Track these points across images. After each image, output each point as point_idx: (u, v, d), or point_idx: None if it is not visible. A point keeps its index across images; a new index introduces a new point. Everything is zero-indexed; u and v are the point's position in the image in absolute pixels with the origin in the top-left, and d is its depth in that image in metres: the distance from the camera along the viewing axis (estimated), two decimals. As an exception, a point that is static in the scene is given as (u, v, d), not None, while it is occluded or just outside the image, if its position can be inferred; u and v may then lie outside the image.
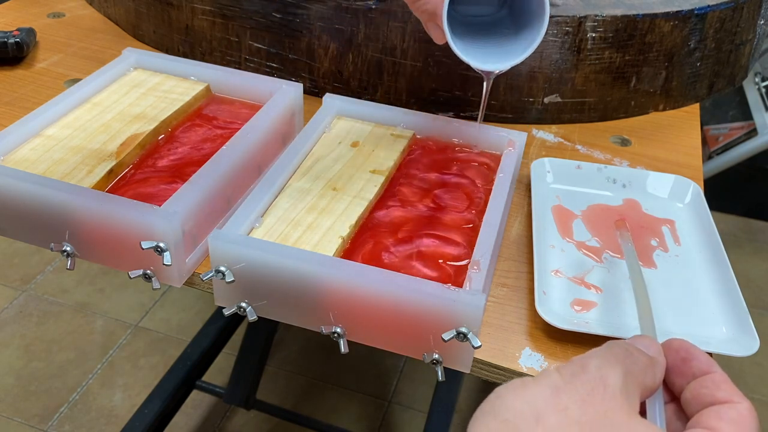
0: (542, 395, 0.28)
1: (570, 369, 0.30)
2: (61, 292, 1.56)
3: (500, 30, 0.55)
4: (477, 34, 0.54)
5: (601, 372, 0.29)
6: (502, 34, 0.54)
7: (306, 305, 0.44)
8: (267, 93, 0.59)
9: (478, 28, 0.55)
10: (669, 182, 0.58)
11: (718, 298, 0.48)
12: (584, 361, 0.30)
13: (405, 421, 1.33)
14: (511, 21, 0.55)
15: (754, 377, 1.45)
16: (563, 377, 0.29)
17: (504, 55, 0.51)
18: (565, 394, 0.28)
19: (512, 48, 0.51)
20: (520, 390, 0.29)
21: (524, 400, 0.28)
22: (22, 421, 1.28)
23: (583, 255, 0.51)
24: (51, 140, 0.54)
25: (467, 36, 0.53)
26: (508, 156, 0.54)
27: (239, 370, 1.22)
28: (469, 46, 0.52)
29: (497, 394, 0.29)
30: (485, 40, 0.54)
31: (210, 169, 0.49)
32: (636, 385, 0.30)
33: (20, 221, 0.49)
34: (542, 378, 0.29)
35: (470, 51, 0.51)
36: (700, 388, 0.31)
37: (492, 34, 0.55)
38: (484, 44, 0.53)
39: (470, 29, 0.54)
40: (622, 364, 0.30)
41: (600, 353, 0.31)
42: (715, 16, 0.66)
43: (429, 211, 0.51)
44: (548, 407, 0.28)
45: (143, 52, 0.64)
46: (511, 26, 0.54)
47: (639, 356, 0.31)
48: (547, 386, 0.29)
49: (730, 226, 1.88)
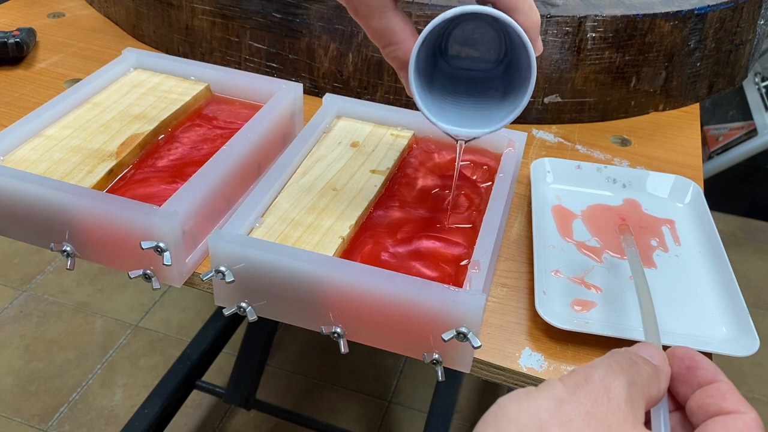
0: (546, 407, 0.28)
1: (573, 379, 0.29)
2: (61, 292, 1.56)
3: (489, 90, 0.48)
4: (465, 90, 0.48)
5: (605, 383, 0.29)
6: (489, 95, 0.47)
7: (306, 305, 0.44)
8: (267, 93, 0.59)
9: (470, 83, 0.49)
10: (669, 182, 0.58)
11: (718, 298, 0.48)
12: (588, 372, 0.30)
13: (405, 421, 1.33)
14: (502, 82, 0.47)
15: (754, 377, 1.45)
16: (567, 388, 0.29)
17: (482, 119, 0.45)
18: (569, 405, 0.28)
19: (493, 113, 0.45)
20: (524, 401, 0.28)
21: (527, 413, 0.28)
22: (22, 421, 1.28)
23: (583, 255, 0.51)
24: (51, 140, 0.54)
25: (452, 90, 0.47)
26: (508, 156, 0.54)
27: (239, 370, 1.22)
28: (448, 103, 0.46)
29: (499, 406, 0.29)
30: (471, 98, 0.47)
31: (210, 169, 0.49)
32: (641, 396, 0.30)
33: (20, 221, 0.49)
34: (545, 389, 0.29)
35: (447, 108, 0.45)
36: (706, 397, 0.31)
37: (479, 94, 0.48)
38: (467, 103, 0.47)
39: (459, 83, 0.48)
40: (627, 374, 0.30)
41: (604, 363, 0.30)
42: (715, 16, 0.66)
43: (429, 211, 0.51)
44: (552, 420, 0.28)
45: (143, 52, 0.64)
46: (500, 87, 0.47)
47: (643, 366, 0.31)
48: (551, 398, 0.28)
49: (730, 226, 1.88)
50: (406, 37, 0.42)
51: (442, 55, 0.48)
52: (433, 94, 0.45)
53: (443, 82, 0.47)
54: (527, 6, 0.40)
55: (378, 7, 0.42)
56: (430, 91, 0.45)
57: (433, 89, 0.46)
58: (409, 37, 0.42)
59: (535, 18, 0.40)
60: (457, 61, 0.49)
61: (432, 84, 0.46)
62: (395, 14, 0.42)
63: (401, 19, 0.42)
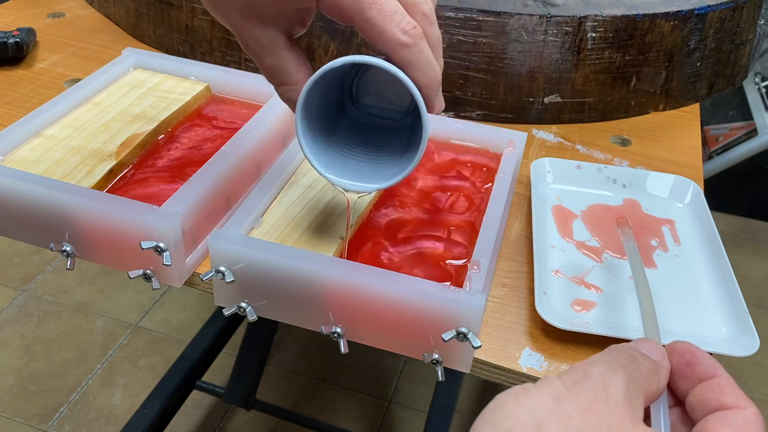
0: (544, 403, 0.28)
1: (572, 376, 0.29)
2: (61, 292, 1.56)
3: (394, 142, 0.46)
4: (373, 140, 0.46)
5: (604, 379, 0.29)
6: (393, 148, 0.45)
7: (306, 305, 0.44)
8: (267, 93, 0.59)
9: (380, 131, 0.46)
10: (669, 182, 0.58)
11: (718, 298, 0.48)
12: (586, 368, 0.30)
13: (405, 421, 1.33)
14: (408, 133, 0.45)
15: (754, 377, 1.45)
16: (565, 384, 0.29)
17: (376, 174, 0.43)
18: (567, 402, 0.28)
19: (389, 168, 0.43)
20: (522, 398, 0.28)
21: (525, 409, 0.28)
22: (22, 421, 1.28)
23: (583, 255, 0.51)
24: (51, 140, 0.54)
25: (356, 140, 0.45)
26: (508, 156, 0.54)
27: (239, 370, 1.22)
28: (348, 155, 0.44)
29: (497, 402, 0.29)
30: (374, 151, 0.45)
31: (210, 169, 0.49)
32: (640, 391, 0.30)
33: (20, 221, 0.49)
34: (543, 385, 0.29)
35: (344, 160, 0.43)
36: (706, 392, 0.30)
37: (385, 146, 0.46)
38: (368, 156, 0.45)
39: (367, 132, 0.46)
40: (625, 369, 0.30)
41: (602, 359, 0.30)
42: (715, 16, 0.66)
43: (429, 212, 0.51)
44: (550, 416, 0.27)
45: (143, 52, 0.64)
46: (404, 140, 0.45)
47: (642, 361, 0.31)
48: (549, 394, 0.28)
49: (730, 226, 1.88)
50: (300, 78, 0.40)
51: (353, 101, 0.47)
52: (333, 141, 0.44)
53: (347, 131, 0.46)
54: (424, 62, 0.37)
55: (269, 45, 0.39)
56: (330, 138, 0.43)
57: (335, 137, 0.44)
58: (304, 78, 0.40)
59: (432, 74, 0.38)
60: (370, 108, 0.47)
61: (334, 130, 0.44)
62: (289, 53, 0.40)
63: (296, 58, 0.40)
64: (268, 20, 0.38)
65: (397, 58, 0.37)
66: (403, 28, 0.36)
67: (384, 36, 0.36)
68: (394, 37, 0.36)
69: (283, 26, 0.39)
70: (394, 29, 0.36)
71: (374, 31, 0.36)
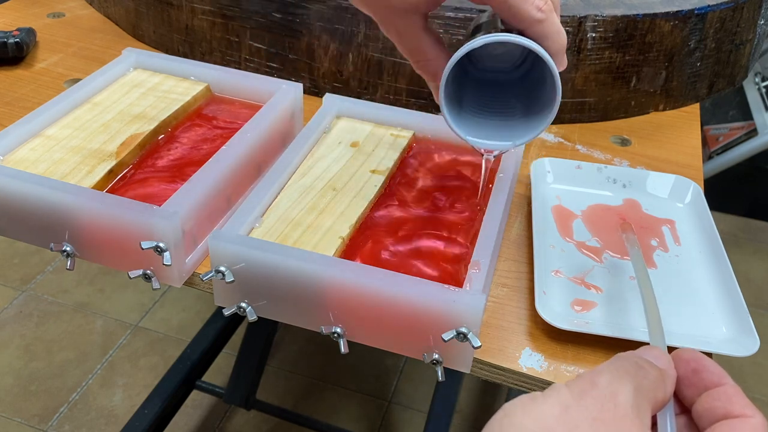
0: (552, 413, 0.28)
1: (579, 385, 0.29)
2: (61, 292, 1.56)
3: (510, 100, 0.49)
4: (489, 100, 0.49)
5: (612, 388, 0.29)
6: (510, 105, 0.48)
7: (306, 305, 0.44)
8: (267, 93, 0.59)
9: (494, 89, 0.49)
10: (669, 182, 0.58)
11: (718, 298, 0.48)
12: (594, 377, 0.30)
13: (405, 421, 1.33)
14: (522, 90, 0.48)
15: (754, 377, 1.45)
16: (573, 394, 0.29)
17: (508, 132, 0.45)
18: (576, 411, 0.28)
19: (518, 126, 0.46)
20: (529, 407, 0.28)
21: (533, 419, 0.28)
22: (22, 421, 1.28)
23: (583, 255, 0.51)
24: (51, 140, 0.54)
25: (478, 101, 0.48)
26: (508, 156, 0.54)
27: (239, 370, 1.22)
28: (476, 116, 0.47)
29: (505, 412, 0.29)
30: (494, 110, 0.48)
31: (210, 169, 0.49)
32: (647, 400, 0.30)
33: (20, 221, 0.49)
34: (551, 394, 0.29)
35: (477, 122, 0.46)
36: (712, 400, 0.30)
37: (501, 105, 0.49)
38: (491, 116, 0.48)
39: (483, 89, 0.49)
40: (633, 378, 0.30)
41: (610, 368, 0.30)
42: (715, 16, 0.66)
43: (429, 211, 0.51)
44: (558, 426, 0.27)
45: (143, 52, 0.64)
46: (520, 97, 0.48)
47: (649, 369, 0.31)
48: (557, 403, 0.28)
49: (730, 226, 1.88)
50: (436, 54, 0.44)
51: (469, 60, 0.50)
52: (462, 106, 0.46)
53: (471, 91, 0.48)
54: (555, 31, 0.40)
55: (409, 30, 0.44)
56: (459, 104, 0.46)
57: (462, 102, 0.47)
58: (440, 55, 0.44)
59: (562, 41, 0.41)
60: (479, 63, 0.50)
61: (462, 93, 0.47)
62: (426, 35, 0.44)
63: (432, 39, 0.44)
64: (410, 9, 0.43)
65: (533, 32, 0.40)
66: (538, 6, 0.39)
67: (521, 15, 0.39)
68: (530, 14, 0.39)
69: (422, 9, 0.43)
70: (529, 8, 0.39)
71: (511, 12, 0.39)
